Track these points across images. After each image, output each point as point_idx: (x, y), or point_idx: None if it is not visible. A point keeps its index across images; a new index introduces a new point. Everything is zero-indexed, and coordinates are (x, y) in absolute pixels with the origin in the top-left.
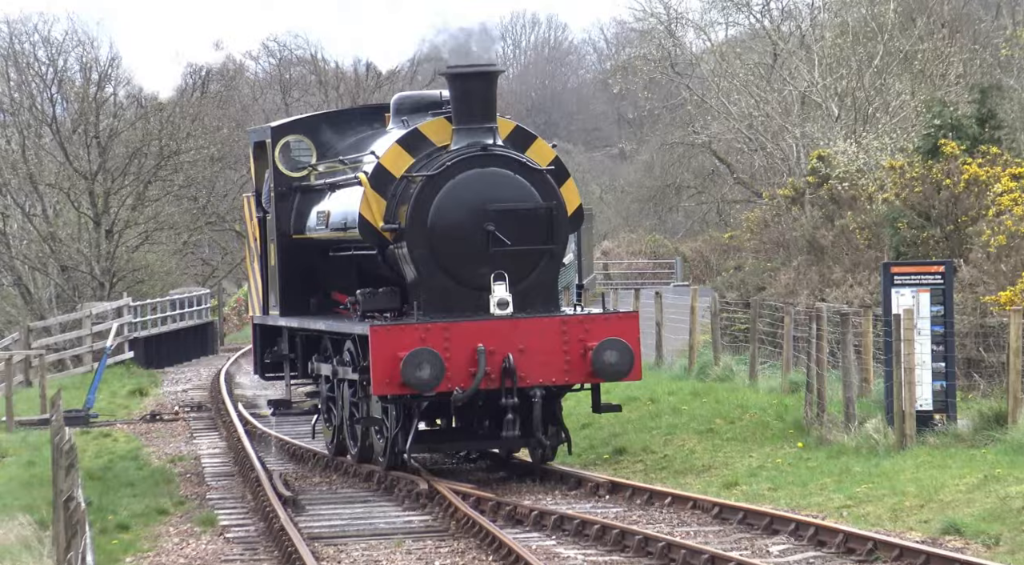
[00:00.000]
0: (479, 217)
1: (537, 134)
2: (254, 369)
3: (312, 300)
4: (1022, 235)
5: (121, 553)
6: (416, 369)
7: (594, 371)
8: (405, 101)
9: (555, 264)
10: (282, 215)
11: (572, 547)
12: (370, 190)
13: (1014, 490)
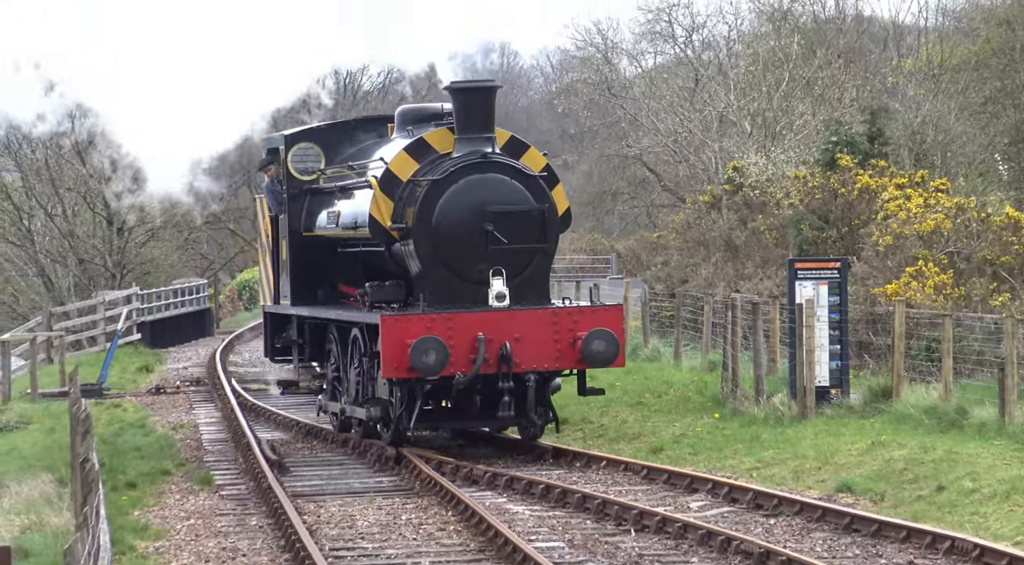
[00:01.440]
0: (479, 218)
1: (530, 144)
2: (265, 352)
3: (320, 291)
4: (906, 236)
5: (130, 507)
6: (423, 355)
7: (583, 358)
8: (408, 113)
9: (547, 261)
10: (294, 215)
11: (520, 504)
12: (379, 192)
13: (897, 454)
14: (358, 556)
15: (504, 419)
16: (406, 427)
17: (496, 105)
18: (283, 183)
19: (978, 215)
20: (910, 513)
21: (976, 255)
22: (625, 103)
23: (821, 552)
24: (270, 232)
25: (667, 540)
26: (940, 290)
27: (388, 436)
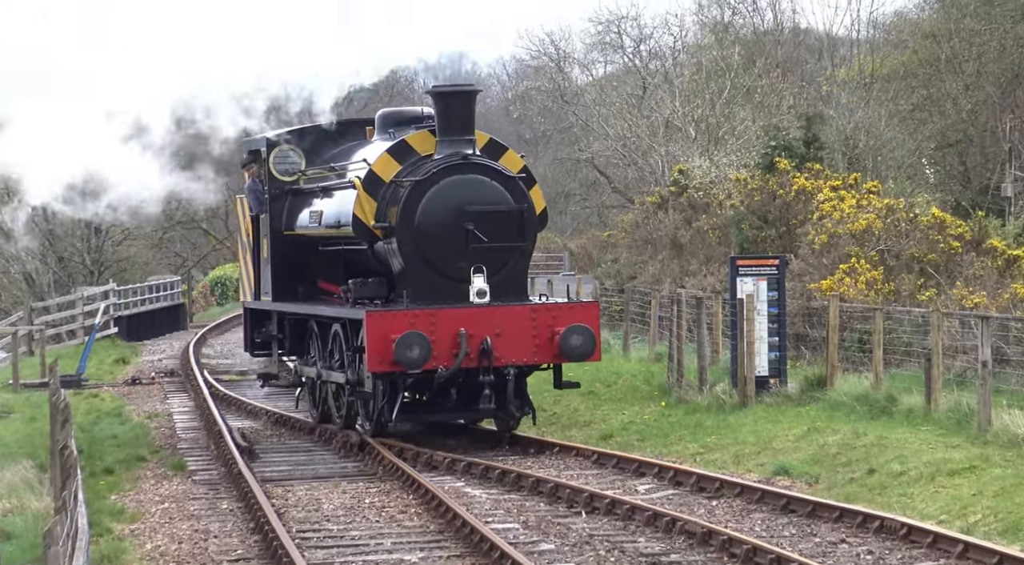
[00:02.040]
0: (460, 217)
1: (508, 145)
2: (244, 347)
3: (300, 288)
4: (839, 235)
5: (107, 492)
6: (407, 350)
7: (561, 353)
8: (389, 116)
9: (525, 259)
10: (275, 214)
11: (478, 487)
12: (363, 193)
13: (831, 439)
14: (324, 538)
15: (485, 411)
16: (388, 419)
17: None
18: (265, 183)
19: (906, 215)
20: (843, 495)
21: (905, 253)
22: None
23: (760, 531)
24: (251, 231)
25: (616, 521)
26: (871, 286)
27: (370, 428)
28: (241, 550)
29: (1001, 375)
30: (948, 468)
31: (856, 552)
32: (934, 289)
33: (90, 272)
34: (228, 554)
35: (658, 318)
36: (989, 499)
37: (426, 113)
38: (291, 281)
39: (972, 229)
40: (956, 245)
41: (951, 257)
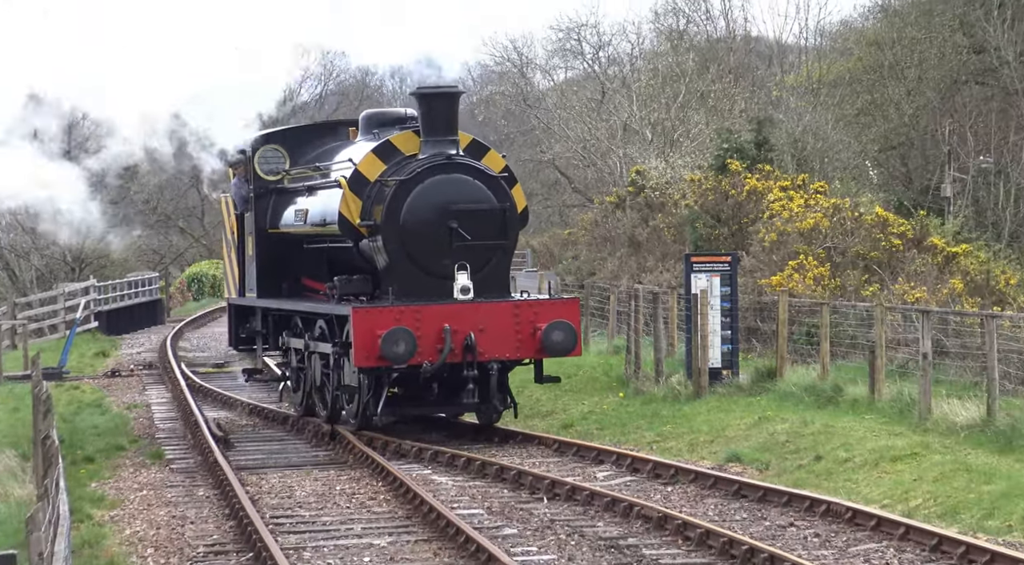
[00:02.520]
0: (444, 216)
1: (490, 146)
2: (229, 342)
3: (284, 285)
4: (788, 233)
5: (88, 480)
6: (393, 345)
7: (543, 348)
8: (373, 117)
9: (508, 256)
10: (260, 212)
11: (444, 475)
12: (348, 192)
13: (780, 428)
14: (296, 523)
15: (469, 405)
16: (373, 412)
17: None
18: (250, 183)
19: (852, 214)
20: (791, 480)
21: (850, 250)
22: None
23: (713, 516)
24: (236, 229)
25: (576, 506)
26: (819, 281)
27: (356, 422)
28: (217, 535)
29: (941, 366)
30: (891, 455)
31: (804, 535)
32: (877, 285)
33: (71, 269)
34: (204, 539)
35: (616, 313)
36: (929, 484)
37: (409, 114)
38: (275, 278)
39: (913, 227)
40: (898, 243)
41: (893, 254)
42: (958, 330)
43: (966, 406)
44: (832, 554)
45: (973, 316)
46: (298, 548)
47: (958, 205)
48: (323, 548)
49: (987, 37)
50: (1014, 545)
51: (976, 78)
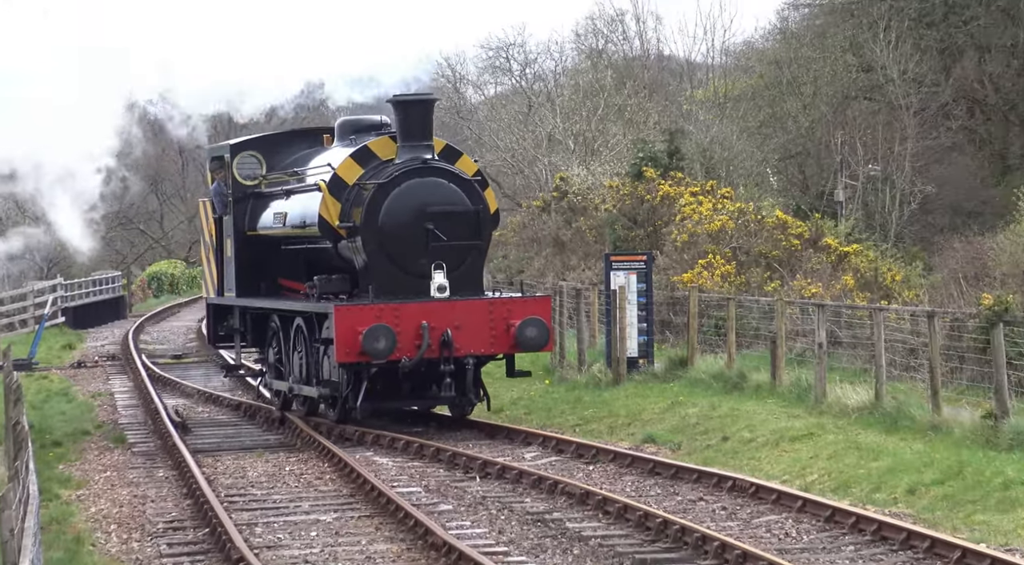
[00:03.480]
0: (421, 218)
1: (462, 151)
2: (208, 339)
3: (262, 285)
4: (698, 234)
5: (56, 462)
6: (374, 341)
7: (517, 343)
8: (349, 124)
9: (481, 256)
10: (238, 216)
11: (385, 456)
12: (328, 195)
13: (691, 411)
14: (248, 501)
15: (446, 398)
16: (352, 406)
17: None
18: (229, 187)
19: (755, 217)
20: (701, 459)
21: (753, 250)
22: (471, 125)
23: (630, 492)
24: (214, 232)
25: (506, 484)
26: (726, 278)
27: (335, 414)
28: (175, 513)
29: (834, 355)
30: (790, 435)
31: (712, 508)
32: (778, 281)
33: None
34: (164, 516)
35: None
36: (824, 461)
37: (384, 121)
38: (254, 278)
39: (810, 229)
40: (796, 243)
41: (792, 253)
42: (849, 322)
43: (856, 390)
44: (737, 525)
45: (863, 309)
46: (250, 524)
47: (849, 209)
48: (273, 524)
49: (874, 57)
50: (899, 515)
51: (864, 94)
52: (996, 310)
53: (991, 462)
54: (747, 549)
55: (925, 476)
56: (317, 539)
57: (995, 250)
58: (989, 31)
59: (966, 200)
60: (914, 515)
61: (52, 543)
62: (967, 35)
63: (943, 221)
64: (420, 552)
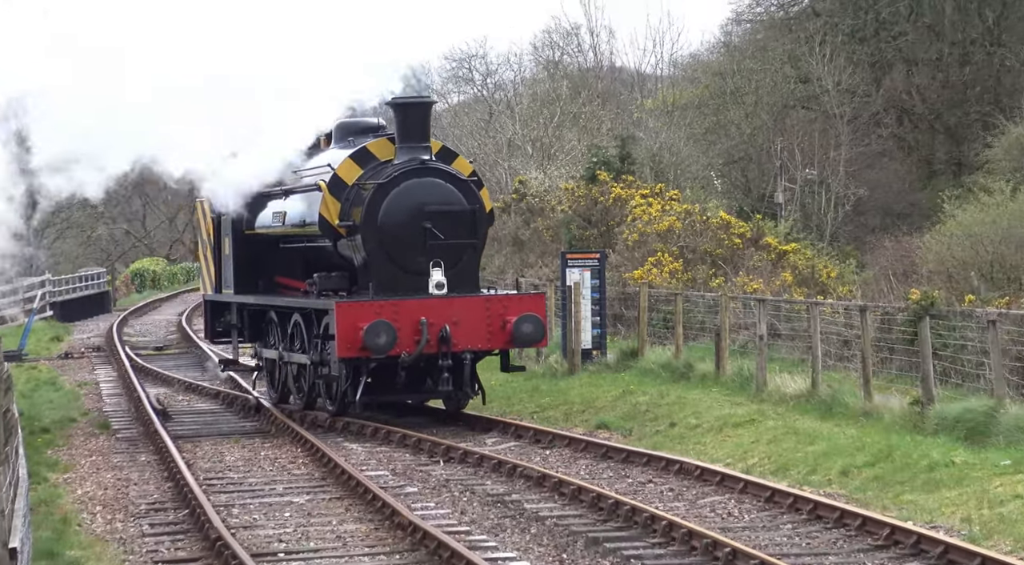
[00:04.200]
0: (419, 217)
1: (458, 152)
2: (205, 334)
3: (260, 282)
4: (648, 234)
5: (44, 447)
6: (376, 337)
7: (513, 339)
8: (347, 126)
9: (477, 254)
10: (236, 215)
11: (354, 442)
12: (328, 195)
13: (641, 399)
14: (226, 484)
15: (444, 392)
16: (351, 400)
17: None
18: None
19: (700, 218)
20: (651, 444)
21: (699, 248)
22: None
23: (584, 474)
24: (212, 231)
25: (468, 468)
26: (674, 275)
27: (334, 407)
28: (157, 495)
29: (774, 346)
30: (733, 421)
31: (660, 490)
32: (722, 277)
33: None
34: (146, 498)
35: None
36: (764, 445)
37: (380, 124)
38: (251, 275)
39: (751, 229)
40: (739, 242)
41: (735, 252)
42: (788, 316)
43: (794, 379)
44: (684, 505)
45: (800, 304)
46: (227, 505)
47: (788, 210)
48: (249, 505)
49: (811, 69)
50: (833, 496)
51: (802, 103)
52: (923, 304)
53: (918, 446)
54: (693, 528)
55: (857, 459)
56: (290, 519)
57: (922, 249)
58: (916, 46)
59: (895, 202)
60: (847, 495)
61: (41, 523)
62: (896, 50)
63: (874, 222)
64: (387, 532)
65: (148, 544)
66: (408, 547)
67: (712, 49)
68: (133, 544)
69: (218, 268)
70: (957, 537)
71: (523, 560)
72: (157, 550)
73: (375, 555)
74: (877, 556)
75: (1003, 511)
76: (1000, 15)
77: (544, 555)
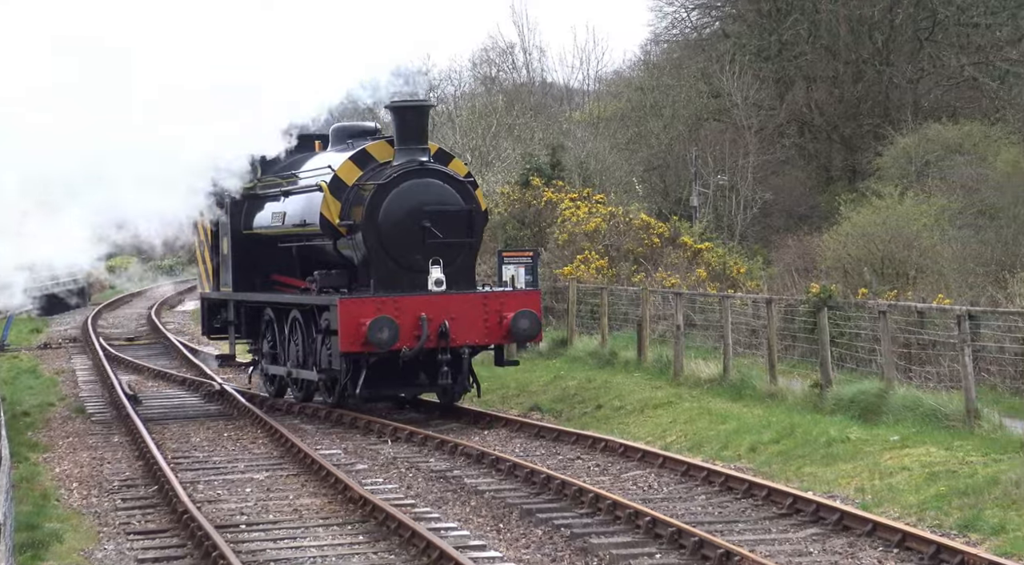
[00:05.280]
0: (418, 216)
1: (454, 154)
2: (202, 331)
3: (257, 280)
4: (577, 234)
5: (25, 430)
6: (378, 332)
7: (511, 334)
8: (343, 129)
9: (474, 252)
10: (234, 216)
11: (310, 424)
12: (329, 195)
13: (571, 383)
14: (192, 462)
15: (443, 385)
16: (351, 392)
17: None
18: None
19: (624, 219)
20: (579, 424)
21: (623, 247)
22: None
23: (519, 452)
24: (210, 231)
25: (413, 447)
26: (600, 271)
27: (333, 399)
28: (129, 472)
29: (690, 335)
30: (653, 403)
31: (588, 465)
32: (643, 273)
33: None
34: (119, 475)
35: None
36: (681, 425)
37: (377, 128)
38: (249, 274)
39: (669, 229)
40: (658, 241)
41: (655, 250)
42: (702, 308)
43: (708, 365)
44: (609, 479)
45: (713, 297)
46: (194, 482)
47: (702, 212)
48: (214, 481)
49: (722, 85)
50: (742, 469)
51: (714, 116)
52: (821, 297)
53: (817, 424)
54: (617, 499)
55: (764, 436)
56: (251, 494)
57: (821, 247)
58: (815, 65)
59: (797, 205)
60: (755, 469)
61: (23, 498)
62: (797, 68)
63: (779, 223)
64: (340, 505)
65: (121, 517)
66: (359, 519)
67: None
68: (107, 517)
69: (216, 266)
70: (852, 505)
71: (463, 529)
72: (129, 523)
73: (329, 526)
74: (781, 523)
75: (892, 482)
76: (888, 38)
77: (482, 525)
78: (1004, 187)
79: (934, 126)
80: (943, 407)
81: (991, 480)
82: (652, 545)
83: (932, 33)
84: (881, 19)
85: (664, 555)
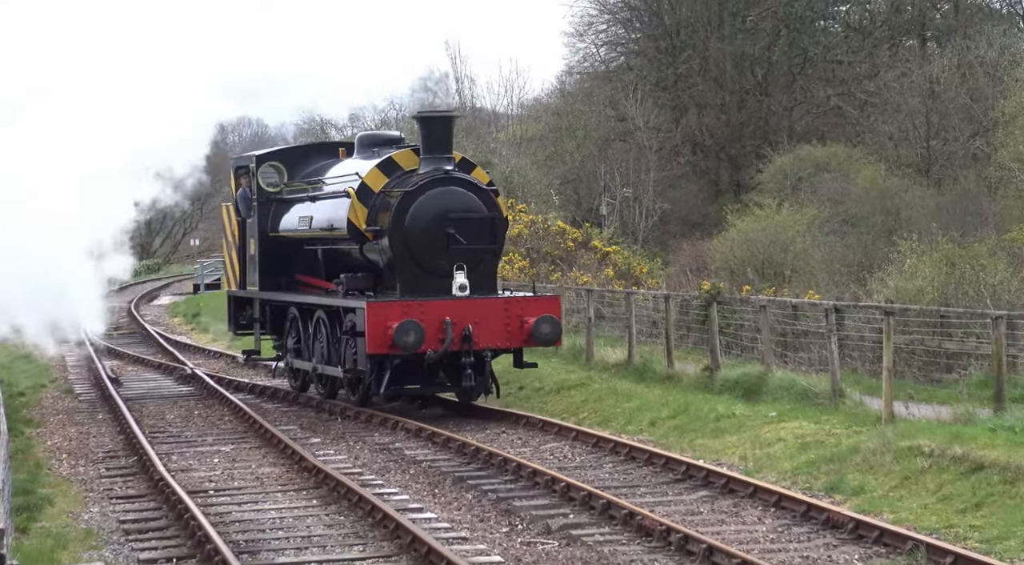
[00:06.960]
0: (442, 223)
1: (476, 163)
2: (228, 326)
3: (282, 280)
4: None
5: (20, 408)
6: (405, 335)
7: (532, 338)
8: (368, 138)
9: (496, 258)
10: (262, 218)
11: (270, 403)
12: (356, 201)
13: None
14: (167, 437)
15: (467, 387)
16: (376, 392)
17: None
18: (253, 193)
19: (543, 226)
20: (504, 403)
21: (542, 250)
22: None
23: (452, 428)
24: (237, 232)
25: (360, 424)
26: (522, 271)
27: (356, 398)
28: (112, 445)
29: (599, 326)
30: (568, 385)
31: (512, 438)
32: (560, 272)
33: None
34: (103, 447)
35: None
36: (592, 403)
37: (400, 137)
38: (275, 274)
39: (582, 235)
40: (572, 245)
41: (569, 252)
42: (610, 302)
43: (615, 351)
44: (529, 451)
45: (619, 293)
46: (168, 453)
47: (610, 220)
48: (186, 453)
49: (626, 111)
50: (644, 441)
51: (620, 137)
52: (711, 293)
53: (708, 402)
54: (536, 467)
55: (662, 413)
56: (219, 464)
57: (711, 250)
58: (705, 94)
59: (691, 214)
60: (655, 440)
61: (19, 467)
62: (690, 97)
63: (676, 229)
64: (296, 473)
65: (104, 484)
66: (313, 485)
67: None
68: (92, 483)
69: (243, 266)
70: (736, 471)
71: (403, 494)
72: (112, 489)
73: (286, 491)
74: (676, 487)
75: (770, 451)
76: (767, 72)
77: (420, 490)
78: (864, 200)
79: (805, 147)
80: (813, 387)
81: (853, 449)
82: (567, 507)
83: (803, 68)
84: (760, 56)
85: (577, 515)
